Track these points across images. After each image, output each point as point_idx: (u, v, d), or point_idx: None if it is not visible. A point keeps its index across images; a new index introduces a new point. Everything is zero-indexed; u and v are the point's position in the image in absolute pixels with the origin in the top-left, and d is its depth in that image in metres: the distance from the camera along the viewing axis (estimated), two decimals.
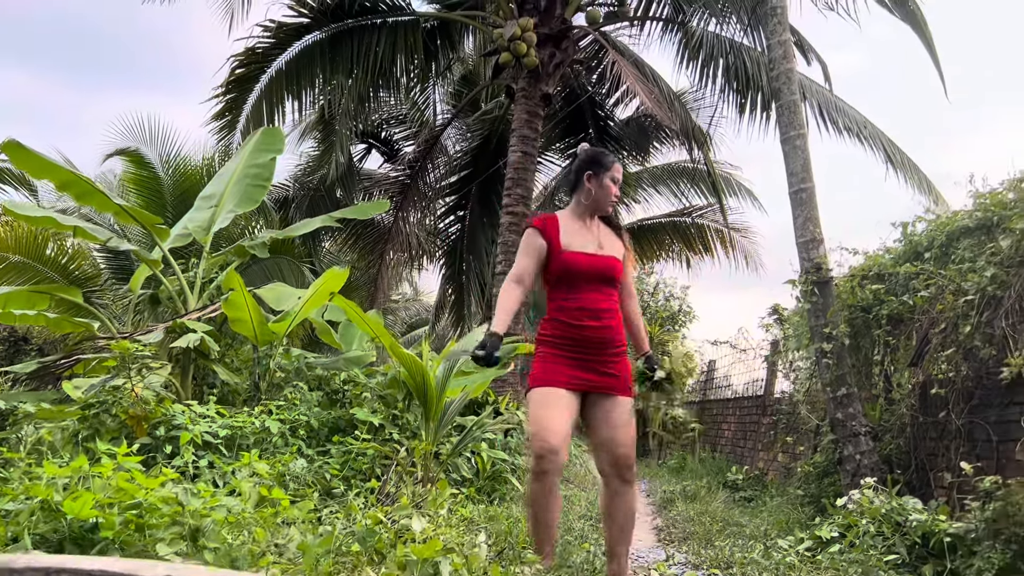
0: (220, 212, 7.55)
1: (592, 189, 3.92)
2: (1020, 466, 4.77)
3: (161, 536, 3.10)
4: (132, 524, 3.15)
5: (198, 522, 3.18)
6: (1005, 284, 4.90)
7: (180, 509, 3.22)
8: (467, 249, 15.17)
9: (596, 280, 3.82)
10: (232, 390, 6.67)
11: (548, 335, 3.81)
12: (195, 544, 3.11)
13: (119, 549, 3.00)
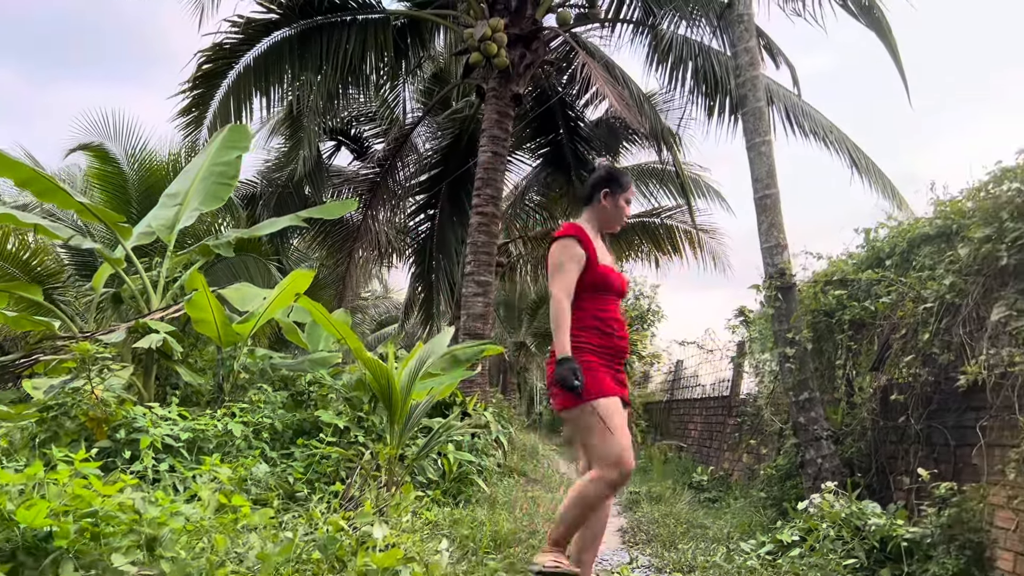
0: (185, 210, 7.46)
1: (608, 207, 3.95)
2: (976, 470, 4.85)
3: (117, 545, 3.06)
4: (88, 533, 3.10)
5: (155, 531, 3.14)
6: (963, 292, 4.98)
7: (137, 517, 3.18)
8: (437, 248, 15.13)
9: (618, 293, 3.88)
10: (195, 391, 6.60)
11: (590, 344, 3.70)
12: (152, 554, 3.07)
13: (74, 559, 2.96)
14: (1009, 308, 4.55)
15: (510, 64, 10.69)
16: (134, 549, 3.08)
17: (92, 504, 3.17)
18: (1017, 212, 4.77)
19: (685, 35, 11.49)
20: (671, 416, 14.16)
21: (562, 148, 14.32)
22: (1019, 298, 4.57)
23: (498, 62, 10.44)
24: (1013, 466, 4.20)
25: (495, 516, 5.72)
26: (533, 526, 5.95)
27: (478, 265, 10.55)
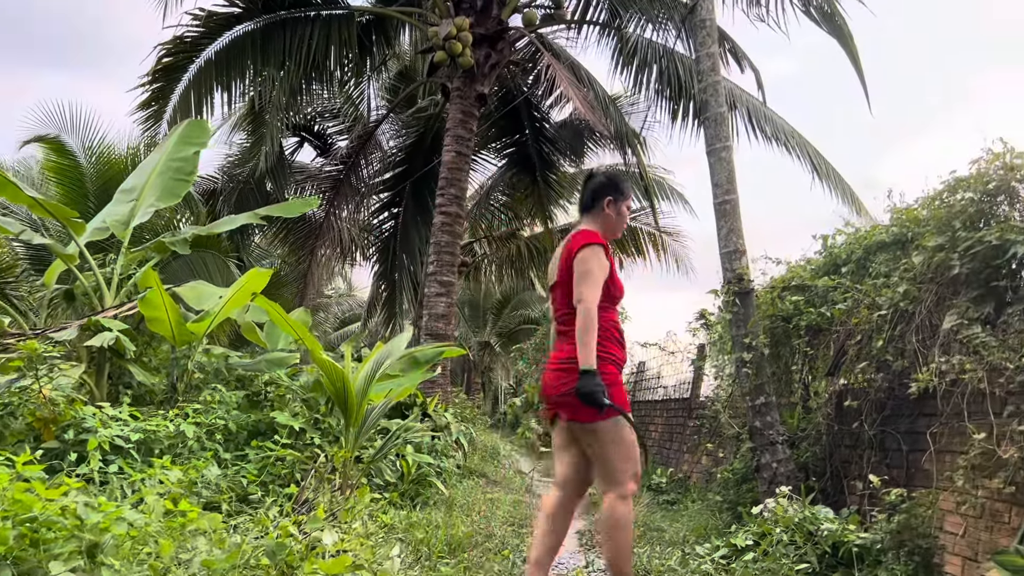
0: (140, 206, 7.32)
1: (612, 215, 3.89)
2: (928, 475, 4.92)
3: (57, 552, 2.98)
4: (27, 539, 3.02)
5: (97, 537, 3.07)
6: (917, 300, 5.04)
7: (79, 523, 3.10)
8: (400, 247, 15.06)
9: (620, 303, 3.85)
10: (149, 391, 6.48)
11: (612, 355, 3.63)
12: (93, 560, 3.00)
13: (11, 566, 2.88)
14: (960, 316, 4.61)
15: (475, 64, 10.65)
16: (75, 556, 3.00)
17: (33, 508, 3.09)
18: (969, 221, 4.84)
19: (651, 38, 11.55)
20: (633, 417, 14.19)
21: (527, 149, 14.31)
22: (970, 307, 4.63)
23: (463, 61, 10.40)
24: (961, 473, 4.26)
25: (452, 519, 5.69)
26: (490, 529, 5.93)
27: (441, 265, 10.50)
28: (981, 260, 4.60)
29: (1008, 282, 4.51)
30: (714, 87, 6.62)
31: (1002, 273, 4.55)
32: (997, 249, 4.50)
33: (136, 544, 3.25)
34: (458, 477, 8.42)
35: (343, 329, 31.42)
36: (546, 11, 11.99)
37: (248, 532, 3.96)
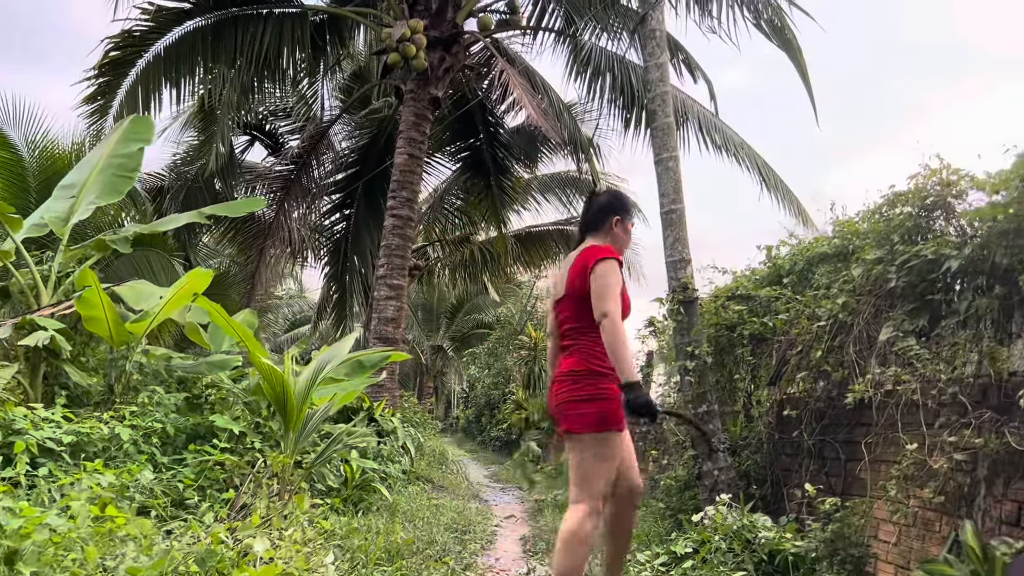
0: (80, 203, 7.15)
1: (619, 234, 3.89)
2: (865, 484, 5.00)
3: None
4: None
5: (17, 543, 2.98)
6: (855, 312, 5.12)
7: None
8: (352, 248, 14.93)
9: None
10: (85, 392, 6.33)
11: (613, 371, 3.58)
12: (11, 568, 2.91)
13: None
14: (896, 329, 4.69)
15: (429, 66, 10.62)
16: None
17: None
18: (907, 235, 4.93)
19: (605, 47, 11.60)
20: None
21: (482, 153, 14.29)
22: (906, 319, 4.72)
23: (417, 64, 10.35)
24: (894, 482, 4.33)
25: (393, 525, 5.64)
26: (432, 536, 5.89)
27: (391, 268, 10.43)
28: (917, 274, 4.69)
29: (942, 296, 4.61)
30: (662, 97, 6.67)
31: (937, 287, 4.64)
32: (932, 263, 4.59)
33: (60, 551, 3.16)
34: (403, 483, 8.36)
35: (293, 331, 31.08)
36: (501, 16, 11.99)
37: (180, 538, 3.88)
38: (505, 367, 21.57)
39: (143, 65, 11.02)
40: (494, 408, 21.51)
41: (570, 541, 3.45)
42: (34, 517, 3.08)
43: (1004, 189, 4.29)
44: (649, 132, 6.78)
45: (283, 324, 31.11)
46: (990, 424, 3.97)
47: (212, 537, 3.51)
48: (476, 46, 12.08)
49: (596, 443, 3.55)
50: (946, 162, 4.84)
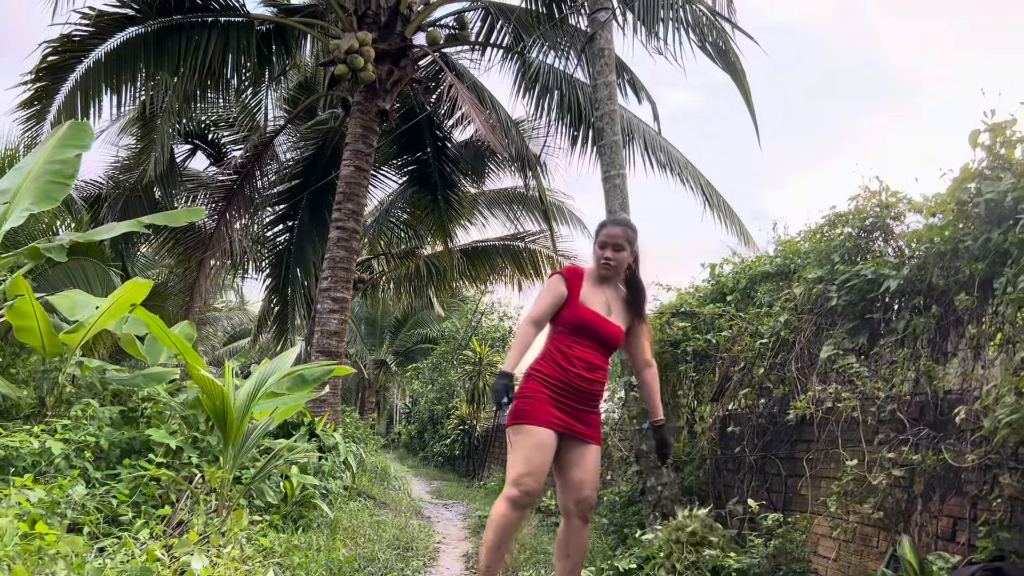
0: (13, 209, 6.91)
1: (593, 255, 4.13)
2: (806, 500, 5.07)
3: None
4: None
5: None
6: (797, 329, 5.21)
7: None
8: (294, 261, 14.73)
9: (599, 341, 3.96)
10: (14, 404, 6.10)
11: (544, 374, 3.90)
12: None
13: None
14: (837, 347, 4.78)
15: (377, 79, 10.56)
16: None
17: None
18: (847, 255, 5.05)
19: (553, 64, 11.67)
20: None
21: (429, 167, 14.25)
22: (846, 337, 4.82)
23: (364, 76, 10.29)
24: (834, 498, 4.40)
25: (334, 542, 5.54)
26: (373, 553, 5.81)
27: (335, 281, 10.31)
28: (857, 293, 4.79)
29: (881, 314, 4.71)
30: (610, 116, 6.73)
31: (876, 306, 4.75)
32: (872, 283, 4.70)
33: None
34: (344, 499, 8.24)
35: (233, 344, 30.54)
36: (450, 31, 11.99)
37: (114, 556, 3.75)
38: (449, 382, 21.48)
39: (83, 70, 10.75)
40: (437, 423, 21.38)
41: (488, 524, 3.82)
42: None
43: (940, 212, 4.41)
44: (597, 150, 6.82)
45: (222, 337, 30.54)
46: (927, 441, 4.07)
47: (147, 554, 3.40)
48: (425, 60, 12.06)
49: (510, 434, 3.85)
50: (885, 184, 4.98)
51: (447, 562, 6.53)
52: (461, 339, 22.56)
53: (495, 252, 17.10)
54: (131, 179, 13.45)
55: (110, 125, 14.18)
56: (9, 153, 11.76)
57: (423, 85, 12.70)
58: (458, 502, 11.84)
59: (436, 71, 12.52)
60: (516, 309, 24.07)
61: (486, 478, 15.04)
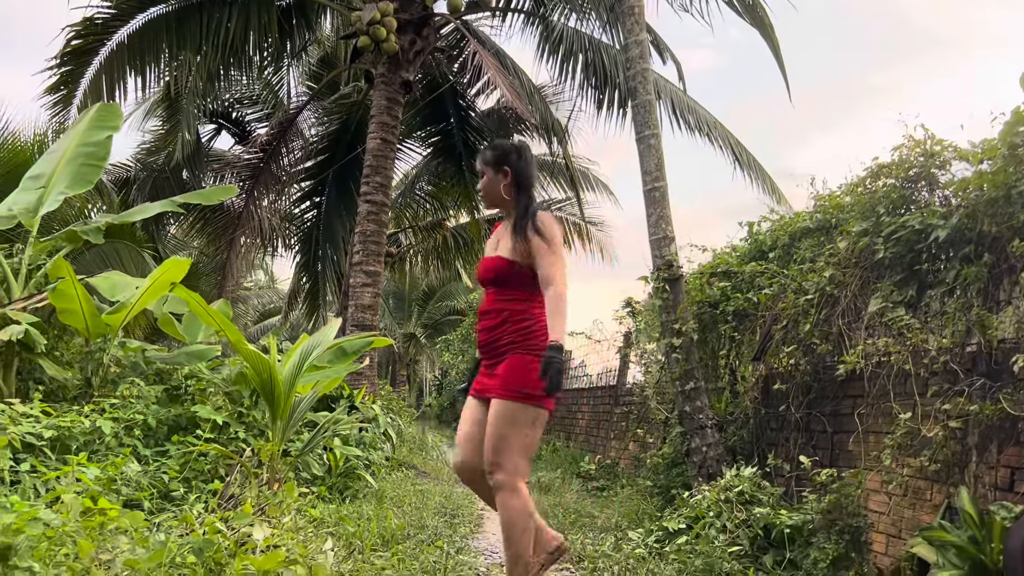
0: (49, 194, 6.96)
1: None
2: (852, 456, 5.03)
3: None
4: None
5: (10, 539, 2.88)
6: (842, 284, 5.14)
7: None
8: (323, 237, 14.78)
9: (485, 283, 3.71)
10: (61, 386, 6.18)
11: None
12: (6, 564, 2.82)
13: None
14: (885, 299, 4.71)
15: (400, 50, 10.49)
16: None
17: None
18: (892, 207, 4.95)
19: (576, 27, 11.54)
20: (560, 405, 14.27)
21: (453, 137, 14.19)
22: (894, 290, 4.74)
23: (387, 47, 10.22)
24: (888, 452, 4.35)
25: (382, 512, 5.58)
26: (422, 520, 5.85)
27: (367, 255, 10.33)
28: (904, 244, 4.71)
29: (929, 265, 4.63)
30: (643, 74, 6.63)
31: (923, 257, 4.66)
32: (919, 233, 4.61)
33: (53, 545, 3.08)
34: (387, 469, 8.31)
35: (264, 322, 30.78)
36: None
37: (172, 530, 3.80)
38: None
39: (107, 53, 10.77)
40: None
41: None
42: (26, 512, 2.99)
43: (990, 158, 4.32)
44: (632, 109, 6.72)
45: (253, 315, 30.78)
46: (982, 391, 4.01)
47: (207, 526, 3.44)
48: (446, 28, 11.97)
49: None
50: (930, 133, 4.87)
51: (493, 527, 6.56)
52: None
53: None
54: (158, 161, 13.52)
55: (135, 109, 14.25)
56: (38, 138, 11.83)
57: (446, 54, 12.61)
58: None
59: (458, 39, 12.42)
60: None
61: None
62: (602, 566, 4.79)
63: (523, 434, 3.41)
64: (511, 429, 3.39)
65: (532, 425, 3.44)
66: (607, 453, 10.31)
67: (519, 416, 3.40)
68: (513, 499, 3.38)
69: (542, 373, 3.25)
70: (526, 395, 3.39)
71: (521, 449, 3.42)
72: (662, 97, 11.10)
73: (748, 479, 5.24)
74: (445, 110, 13.85)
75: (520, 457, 3.42)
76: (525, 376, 3.40)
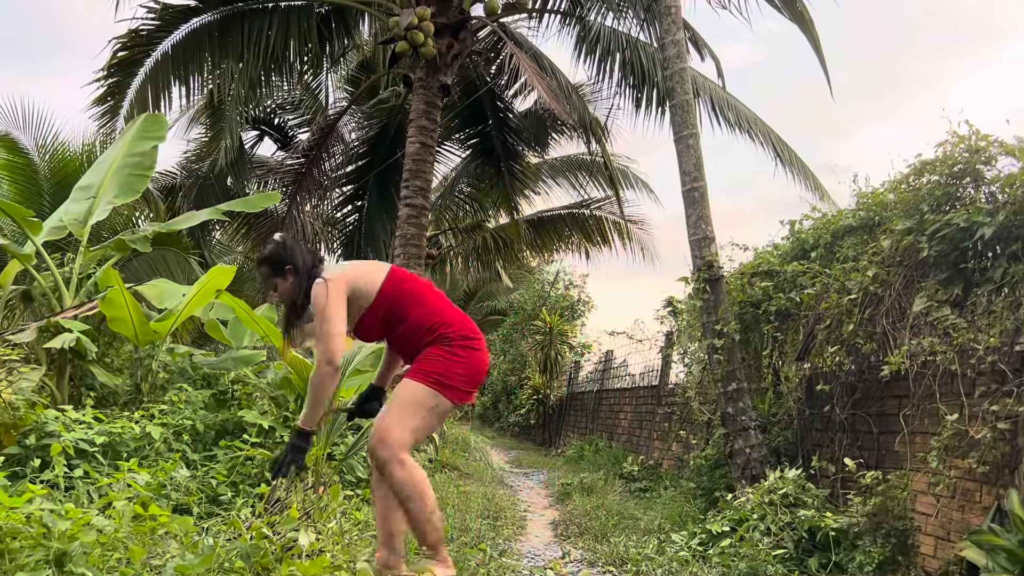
0: (98, 203, 7.14)
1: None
2: (898, 457, 4.96)
3: (23, 562, 2.89)
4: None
5: (65, 545, 2.97)
6: (886, 283, 5.07)
7: (46, 531, 3.01)
8: (365, 240, 14.90)
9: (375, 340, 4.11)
10: (111, 393, 6.34)
11: None
12: (61, 569, 2.91)
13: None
14: (930, 299, 4.64)
15: (437, 54, 10.54)
16: (42, 565, 2.91)
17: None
18: (936, 204, 4.88)
19: (613, 27, 11.51)
20: (602, 405, 14.25)
21: (491, 139, 14.23)
22: (939, 289, 4.67)
23: (425, 51, 10.28)
24: (935, 454, 4.29)
25: None
26: (465, 523, 5.89)
27: (408, 257, 10.40)
28: (949, 242, 4.64)
29: (975, 263, 4.56)
30: (680, 74, 6.60)
31: (969, 255, 4.59)
32: (964, 231, 4.54)
33: (106, 551, 3.16)
34: (430, 471, 8.37)
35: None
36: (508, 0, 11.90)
37: (220, 535, 3.88)
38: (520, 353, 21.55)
39: (151, 64, 10.99)
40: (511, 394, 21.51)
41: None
42: (80, 518, 3.08)
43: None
44: (670, 109, 6.69)
45: None
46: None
47: (254, 531, 3.50)
48: (483, 31, 11.98)
49: None
50: (975, 128, 4.78)
51: (536, 529, 6.59)
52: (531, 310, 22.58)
53: (561, 221, 17.04)
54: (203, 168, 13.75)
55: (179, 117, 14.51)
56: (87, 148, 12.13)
57: (483, 57, 12.64)
58: (537, 470, 11.92)
59: (495, 41, 12.44)
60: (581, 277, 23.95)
61: (563, 446, 15.12)
62: (645, 569, 4.78)
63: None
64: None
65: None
66: (650, 454, 10.27)
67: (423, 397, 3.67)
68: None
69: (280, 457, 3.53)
70: (436, 381, 3.65)
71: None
72: (700, 95, 11.02)
73: (792, 481, 5.20)
74: (483, 112, 13.89)
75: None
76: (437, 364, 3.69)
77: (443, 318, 3.79)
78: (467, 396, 3.82)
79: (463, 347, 3.74)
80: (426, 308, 3.80)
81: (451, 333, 3.74)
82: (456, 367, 3.69)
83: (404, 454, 3.61)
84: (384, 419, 3.68)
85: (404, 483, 3.60)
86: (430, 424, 3.76)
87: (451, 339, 3.72)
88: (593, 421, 14.43)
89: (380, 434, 3.63)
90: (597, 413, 14.37)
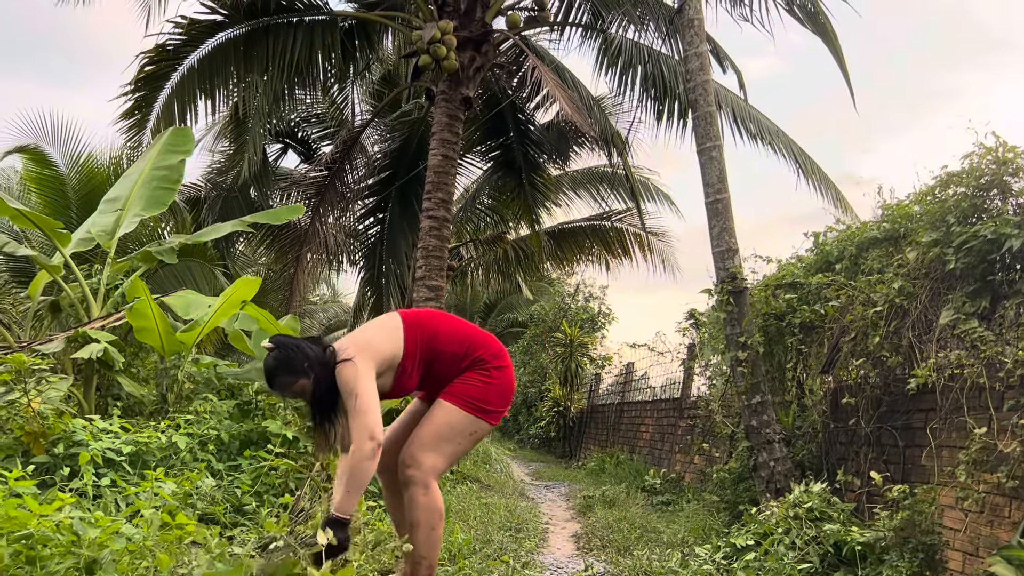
0: (126, 216, 7.24)
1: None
2: (924, 471, 4.92)
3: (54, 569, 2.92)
4: (23, 556, 2.96)
5: (95, 553, 3.01)
6: (912, 296, 5.04)
7: (75, 538, 3.04)
8: (387, 252, 14.97)
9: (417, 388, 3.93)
10: (138, 402, 6.40)
11: None
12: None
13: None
14: (957, 311, 4.61)
15: (460, 67, 10.60)
16: (72, 572, 2.95)
17: (27, 525, 3.03)
18: (963, 216, 4.85)
19: (634, 39, 11.54)
20: (623, 418, 14.21)
21: (513, 151, 14.28)
22: (967, 301, 4.64)
23: (447, 65, 10.34)
24: (963, 468, 4.25)
25: (448, 526, 5.63)
26: (487, 535, 5.89)
27: (429, 269, 10.44)
28: (976, 254, 4.61)
29: (1003, 275, 4.52)
30: (703, 86, 6.61)
31: (997, 267, 4.56)
32: (992, 243, 4.51)
33: (134, 559, 3.19)
34: (452, 483, 8.37)
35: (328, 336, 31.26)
36: (529, 13, 11.95)
37: (246, 543, 3.91)
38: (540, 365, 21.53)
39: (178, 78, 11.14)
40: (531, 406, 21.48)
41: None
42: (109, 526, 3.11)
43: None
44: (693, 121, 6.70)
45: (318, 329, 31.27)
46: None
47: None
48: (505, 44, 12.05)
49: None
50: (1002, 140, 4.75)
51: (557, 542, 6.58)
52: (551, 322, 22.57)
53: (582, 233, 17.05)
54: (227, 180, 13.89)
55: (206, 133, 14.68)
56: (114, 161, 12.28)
57: (505, 69, 12.70)
58: (558, 483, 11.89)
59: (517, 54, 12.51)
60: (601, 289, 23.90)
61: (584, 459, 15.07)
62: None
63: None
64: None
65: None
66: (672, 467, 10.23)
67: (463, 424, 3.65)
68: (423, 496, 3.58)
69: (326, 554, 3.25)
70: (476, 407, 3.63)
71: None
72: (723, 107, 11.01)
73: (817, 495, 5.16)
74: (505, 124, 13.95)
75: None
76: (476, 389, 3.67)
77: (472, 341, 3.77)
78: (502, 416, 3.83)
79: (497, 367, 3.73)
80: (452, 336, 3.77)
81: (485, 355, 3.72)
82: (492, 391, 3.68)
83: (433, 480, 3.59)
84: (420, 438, 3.61)
85: (423, 508, 3.58)
86: (465, 449, 3.77)
87: (486, 361, 3.71)
88: (614, 434, 14.38)
89: (414, 453, 3.59)
90: (618, 426, 14.32)
